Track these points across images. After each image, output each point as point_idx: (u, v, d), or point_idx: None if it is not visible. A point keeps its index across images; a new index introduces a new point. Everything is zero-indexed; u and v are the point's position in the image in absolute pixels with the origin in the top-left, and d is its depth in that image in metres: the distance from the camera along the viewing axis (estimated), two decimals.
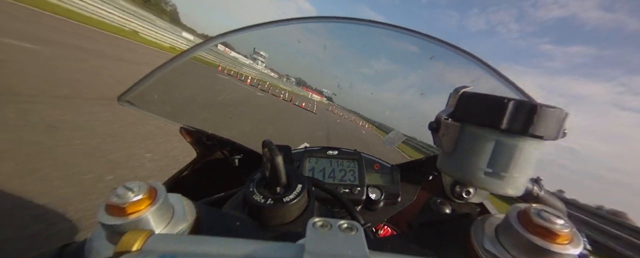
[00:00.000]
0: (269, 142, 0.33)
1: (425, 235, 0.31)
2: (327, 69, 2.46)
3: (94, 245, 0.24)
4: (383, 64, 22.14)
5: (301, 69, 4.78)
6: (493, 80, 0.59)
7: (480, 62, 0.60)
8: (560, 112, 0.28)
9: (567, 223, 0.23)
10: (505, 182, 0.31)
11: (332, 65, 1.67)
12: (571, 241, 0.23)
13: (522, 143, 0.29)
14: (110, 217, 0.23)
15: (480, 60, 0.60)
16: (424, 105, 0.71)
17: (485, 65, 0.60)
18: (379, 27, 0.65)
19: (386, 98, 2.68)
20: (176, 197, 0.30)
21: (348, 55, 2.30)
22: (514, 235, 0.24)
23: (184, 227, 0.27)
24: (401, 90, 5.69)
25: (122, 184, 0.25)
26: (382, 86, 6.45)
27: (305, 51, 0.56)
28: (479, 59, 0.60)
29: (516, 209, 0.26)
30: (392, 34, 0.65)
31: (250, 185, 0.35)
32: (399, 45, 0.69)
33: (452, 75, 0.68)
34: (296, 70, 6.51)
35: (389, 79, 11.12)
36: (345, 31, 0.67)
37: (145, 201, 0.25)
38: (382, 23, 0.64)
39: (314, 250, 0.20)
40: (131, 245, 0.20)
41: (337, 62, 2.11)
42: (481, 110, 0.31)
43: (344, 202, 0.47)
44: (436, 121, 0.35)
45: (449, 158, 0.35)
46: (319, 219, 0.24)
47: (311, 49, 0.73)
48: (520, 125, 0.28)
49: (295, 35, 0.69)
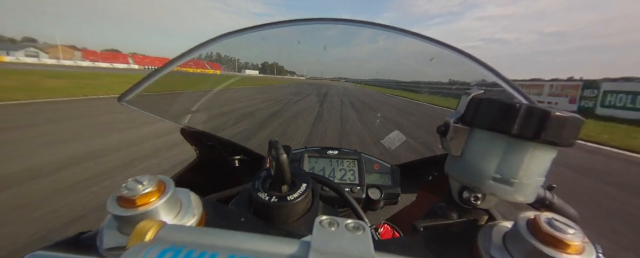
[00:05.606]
0: (275, 141, 0.33)
1: (430, 239, 0.30)
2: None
3: (106, 235, 0.25)
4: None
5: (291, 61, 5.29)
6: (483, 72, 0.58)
7: (471, 58, 0.59)
8: (575, 119, 0.27)
9: (579, 233, 0.23)
10: (515, 189, 0.30)
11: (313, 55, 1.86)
12: (582, 252, 0.22)
13: (533, 149, 0.28)
14: (120, 208, 0.24)
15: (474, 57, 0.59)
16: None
17: (482, 64, 0.59)
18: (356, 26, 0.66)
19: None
20: (184, 191, 0.30)
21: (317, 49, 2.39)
22: (523, 243, 0.23)
23: (191, 220, 0.27)
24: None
25: (132, 178, 0.26)
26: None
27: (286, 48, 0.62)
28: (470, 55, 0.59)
29: (526, 217, 0.25)
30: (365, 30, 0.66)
31: (255, 183, 0.35)
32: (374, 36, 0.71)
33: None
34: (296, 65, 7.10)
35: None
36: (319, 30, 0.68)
37: (155, 194, 0.25)
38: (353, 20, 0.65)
39: (319, 247, 0.20)
40: (144, 235, 0.20)
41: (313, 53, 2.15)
42: (492, 115, 0.30)
43: (349, 200, 0.47)
44: (445, 125, 0.34)
45: (457, 163, 0.34)
46: (326, 217, 0.24)
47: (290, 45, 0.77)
48: (532, 130, 0.27)
49: (296, 36, 0.72)
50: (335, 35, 0.75)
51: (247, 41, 0.64)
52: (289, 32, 0.65)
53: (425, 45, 0.61)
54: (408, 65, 0.76)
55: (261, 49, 0.67)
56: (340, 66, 27.45)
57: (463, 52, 0.59)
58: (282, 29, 0.64)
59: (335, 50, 1.06)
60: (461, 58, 0.60)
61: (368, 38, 0.76)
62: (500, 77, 0.57)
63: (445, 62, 0.63)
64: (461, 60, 0.59)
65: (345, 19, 0.66)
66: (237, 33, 0.62)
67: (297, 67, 18.33)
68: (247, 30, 0.63)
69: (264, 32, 0.64)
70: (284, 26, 0.64)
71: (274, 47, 0.68)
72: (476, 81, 0.63)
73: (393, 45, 0.72)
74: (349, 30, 0.67)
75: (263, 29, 0.63)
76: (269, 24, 0.64)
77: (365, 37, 0.76)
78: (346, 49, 4.82)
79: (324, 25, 0.67)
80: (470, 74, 0.61)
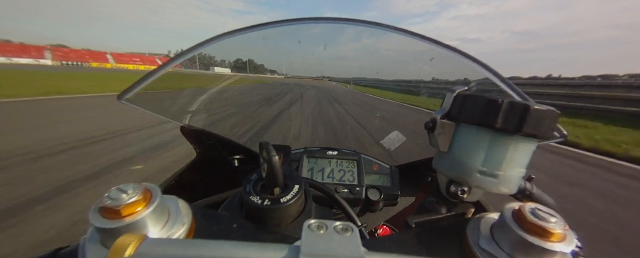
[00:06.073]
0: (266, 143, 0.33)
1: (421, 235, 0.31)
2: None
3: (87, 250, 0.24)
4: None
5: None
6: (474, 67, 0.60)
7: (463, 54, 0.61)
8: (552, 112, 0.29)
9: (561, 222, 0.24)
10: (499, 180, 0.31)
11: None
12: (564, 239, 0.23)
13: (515, 142, 0.30)
14: (104, 219, 0.23)
15: (470, 55, 0.60)
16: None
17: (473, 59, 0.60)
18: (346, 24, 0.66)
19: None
20: (172, 198, 0.29)
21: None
22: (509, 233, 0.24)
23: (180, 229, 0.26)
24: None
25: (115, 186, 0.25)
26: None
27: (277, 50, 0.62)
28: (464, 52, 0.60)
29: (511, 208, 0.26)
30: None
31: (246, 186, 0.35)
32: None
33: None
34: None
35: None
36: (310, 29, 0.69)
37: (140, 203, 0.24)
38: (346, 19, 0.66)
39: (309, 251, 0.20)
40: (124, 250, 0.19)
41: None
42: (476, 110, 0.31)
43: (340, 202, 0.47)
44: (432, 121, 0.35)
45: (444, 158, 0.35)
46: (315, 221, 0.24)
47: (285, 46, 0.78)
48: (514, 124, 0.28)
49: (295, 37, 0.71)
50: (319, 34, 0.75)
51: (234, 43, 0.63)
52: (275, 32, 0.65)
53: (424, 45, 0.62)
54: (405, 63, 0.77)
55: (248, 50, 0.66)
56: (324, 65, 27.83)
57: (454, 48, 0.61)
58: (268, 30, 0.63)
59: (317, 49, 1.05)
60: (452, 54, 0.61)
61: (353, 36, 0.77)
62: (493, 72, 0.58)
63: (439, 60, 0.64)
64: (451, 56, 0.61)
65: (333, 18, 0.66)
66: (236, 33, 0.61)
67: (278, 66, 18.13)
68: (244, 31, 0.62)
69: (253, 34, 0.63)
70: (276, 26, 0.63)
71: (259, 48, 0.67)
72: (459, 79, 0.65)
73: (376, 44, 0.72)
74: (332, 29, 0.67)
75: (257, 29, 0.63)
76: (263, 24, 0.63)
77: (350, 35, 0.76)
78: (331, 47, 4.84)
79: (307, 25, 0.66)
80: (461, 70, 0.62)
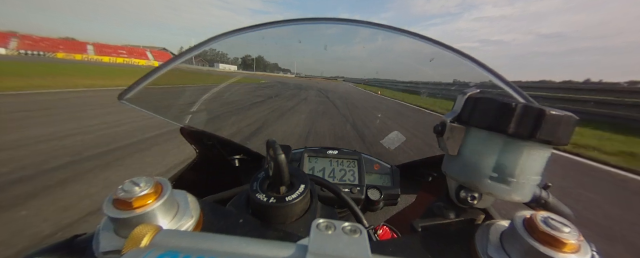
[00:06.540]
0: (273, 141, 0.33)
1: (427, 239, 0.30)
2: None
3: (102, 237, 0.25)
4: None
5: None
6: (481, 72, 0.59)
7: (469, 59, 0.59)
8: (569, 117, 0.27)
9: (575, 232, 0.23)
10: (511, 188, 0.30)
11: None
12: (578, 250, 0.22)
13: (529, 148, 0.29)
14: (117, 210, 0.24)
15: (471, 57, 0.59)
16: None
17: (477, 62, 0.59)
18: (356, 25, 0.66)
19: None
20: (181, 193, 0.30)
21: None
22: (519, 242, 0.23)
23: (188, 222, 0.27)
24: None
25: (129, 179, 0.26)
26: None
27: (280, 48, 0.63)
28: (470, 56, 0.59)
29: (522, 216, 0.25)
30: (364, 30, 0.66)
31: (253, 184, 0.35)
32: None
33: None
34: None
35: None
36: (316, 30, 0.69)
37: (152, 196, 0.25)
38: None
39: (317, 251, 0.20)
40: (140, 240, 0.20)
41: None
42: (488, 114, 0.30)
43: (348, 202, 0.47)
44: (441, 124, 0.34)
45: (454, 162, 0.34)
46: (323, 220, 0.24)
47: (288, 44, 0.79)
48: (528, 129, 0.27)
49: (295, 36, 0.72)
50: (334, 34, 0.75)
51: (245, 40, 0.64)
52: (287, 31, 0.65)
53: (440, 50, 0.61)
54: (409, 65, 0.76)
55: (260, 48, 0.67)
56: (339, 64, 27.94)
57: (463, 53, 0.60)
58: (281, 28, 0.64)
59: (333, 49, 1.06)
60: (461, 59, 0.60)
61: (369, 37, 0.77)
62: (499, 77, 0.57)
63: (446, 63, 0.63)
64: (461, 61, 0.60)
65: (345, 19, 0.66)
66: (236, 32, 0.62)
67: (292, 65, 18.94)
68: (246, 30, 0.63)
69: (263, 32, 0.64)
70: (285, 25, 0.64)
71: (272, 46, 0.68)
72: (475, 82, 0.64)
73: (392, 46, 0.72)
74: (348, 30, 0.67)
75: (262, 28, 0.64)
76: (269, 23, 0.64)
77: (366, 36, 0.76)
78: (345, 47, 4.73)
79: (323, 25, 0.67)
80: (470, 74, 0.62)
